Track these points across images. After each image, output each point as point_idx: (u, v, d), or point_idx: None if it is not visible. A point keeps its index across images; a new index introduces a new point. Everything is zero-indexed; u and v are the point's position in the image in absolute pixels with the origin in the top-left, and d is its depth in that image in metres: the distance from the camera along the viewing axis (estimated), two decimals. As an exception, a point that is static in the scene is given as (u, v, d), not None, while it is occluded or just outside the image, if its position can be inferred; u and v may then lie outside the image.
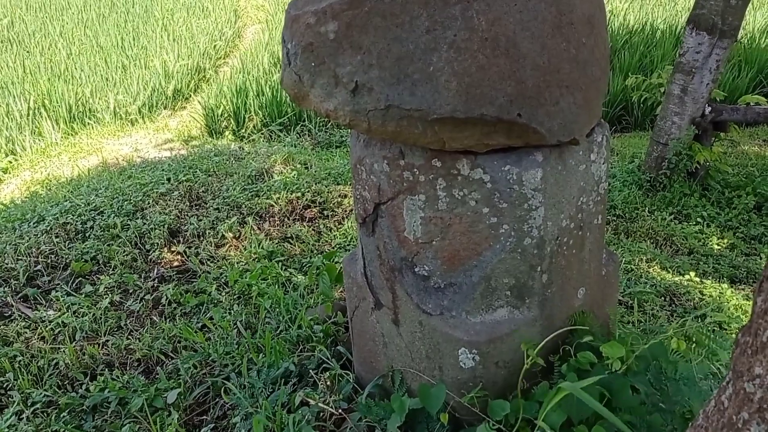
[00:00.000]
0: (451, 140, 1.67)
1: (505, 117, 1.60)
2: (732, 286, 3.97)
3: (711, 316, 3.44)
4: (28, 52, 11.22)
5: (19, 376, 2.83)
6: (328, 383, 2.35)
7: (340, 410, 2.21)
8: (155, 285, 3.63)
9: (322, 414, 2.25)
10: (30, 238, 4.02)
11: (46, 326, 3.20)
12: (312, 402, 2.22)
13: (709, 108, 5.19)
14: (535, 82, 1.60)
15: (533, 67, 1.60)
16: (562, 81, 1.65)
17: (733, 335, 3.26)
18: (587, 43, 1.72)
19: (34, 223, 4.28)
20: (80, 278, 3.70)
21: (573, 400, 1.67)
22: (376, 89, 1.63)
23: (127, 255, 3.87)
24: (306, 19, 1.68)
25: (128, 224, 4.17)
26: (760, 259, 4.48)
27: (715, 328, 3.31)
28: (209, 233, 4.14)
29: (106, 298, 3.45)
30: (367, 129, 1.72)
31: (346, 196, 4.74)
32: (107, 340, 3.13)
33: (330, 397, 2.24)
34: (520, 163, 1.74)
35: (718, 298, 3.71)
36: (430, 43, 1.57)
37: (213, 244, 4.04)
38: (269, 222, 4.35)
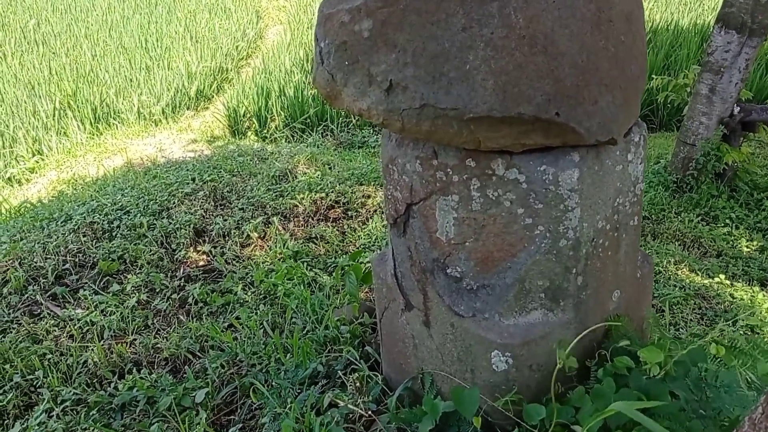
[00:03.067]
0: (486, 140, 1.65)
1: (543, 116, 1.57)
2: (763, 290, 3.90)
3: (743, 320, 3.37)
4: (54, 53, 11.35)
5: (49, 374, 2.85)
6: (357, 384, 2.34)
7: (369, 412, 2.19)
8: (182, 284, 3.65)
9: (351, 416, 2.23)
10: (58, 237, 4.06)
11: (75, 325, 3.23)
12: (341, 403, 2.21)
13: (738, 108, 5.11)
14: (573, 80, 1.57)
15: (571, 66, 1.57)
16: (601, 79, 1.62)
17: (767, 339, 3.20)
18: (626, 40, 1.69)
19: (61, 223, 4.32)
20: (108, 277, 3.72)
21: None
22: (410, 88, 1.62)
23: (153, 254, 3.89)
24: (340, 17, 1.67)
25: (154, 224, 4.19)
26: (791, 262, 4.39)
27: (748, 333, 3.24)
28: (234, 233, 4.15)
29: (134, 297, 3.47)
30: (401, 128, 1.71)
31: (369, 196, 4.73)
32: (135, 339, 3.14)
33: (359, 398, 2.23)
34: (557, 163, 1.71)
35: (749, 301, 3.63)
36: (466, 41, 1.55)
37: (238, 244, 4.05)
38: (294, 222, 4.35)
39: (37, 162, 7.71)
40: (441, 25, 1.55)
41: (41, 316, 3.37)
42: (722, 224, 4.90)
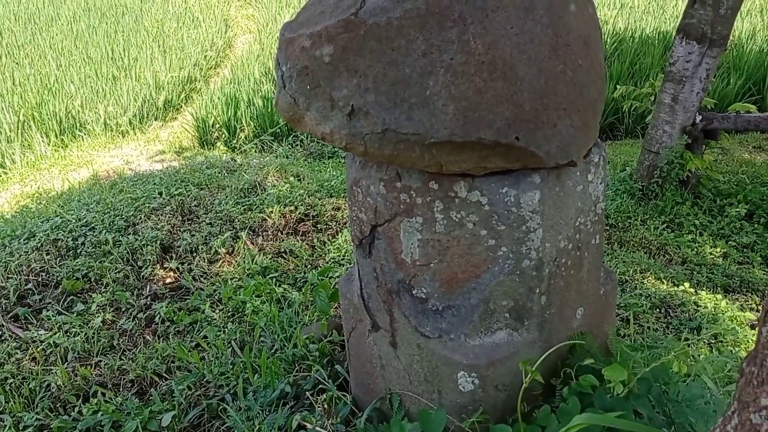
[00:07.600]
0: (448, 163, 1.66)
1: (503, 140, 1.59)
2: (726, 297, 3.97)
3: (707, 328, 3.43)
4: (17, 63, 11.14)
5: (11, 399, 2.79)
6: (325, 406, 2.32)
7: (337, 434, 2.18)
8: (148, 303, 3.59)
9: (319, 437, 2.22)
10: (20, 256, 3.98)
11: (38, 347, 3.16)
12: (309, 426, 2.20)
13: (700, 116, 5.21)
14: (532, 105, 1.59)
15: (530, 90, 1.59)
16: (560, 103, 1.64)
17: (729, 348, 3.26)
18: (584, 64, 1.71)
19: (24, 240, 4.23)
20: (72, 296, 3.65)
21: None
22: (372, 113, 1.62)
23: (119, 272, 3.83)
24: (301, 42, 1.67)
25: (120, 240, 4.13)
26: (753, 267, 4.49)
27: (712, 341, 3.30)
28: (202, 249, 4.10)
29: (99, 316, 3.40)
30: (364, 152, 1.71)
31: (339, 208, 4.71)
32: (100, 361, 3.09)
33: (327, 420, 2.22)
34: (518, 185, 1.73)
35: (713, 309, 3.70)
36: (426, 67, 1.56)
37: (206, 260, 4.00)
38: (262, 236, 4.32)
39: (0, 176, 7.55)
40: (401, 51, 1.56)
41: (2, 338, 3.29)
42: (687, 231, 4.99)
